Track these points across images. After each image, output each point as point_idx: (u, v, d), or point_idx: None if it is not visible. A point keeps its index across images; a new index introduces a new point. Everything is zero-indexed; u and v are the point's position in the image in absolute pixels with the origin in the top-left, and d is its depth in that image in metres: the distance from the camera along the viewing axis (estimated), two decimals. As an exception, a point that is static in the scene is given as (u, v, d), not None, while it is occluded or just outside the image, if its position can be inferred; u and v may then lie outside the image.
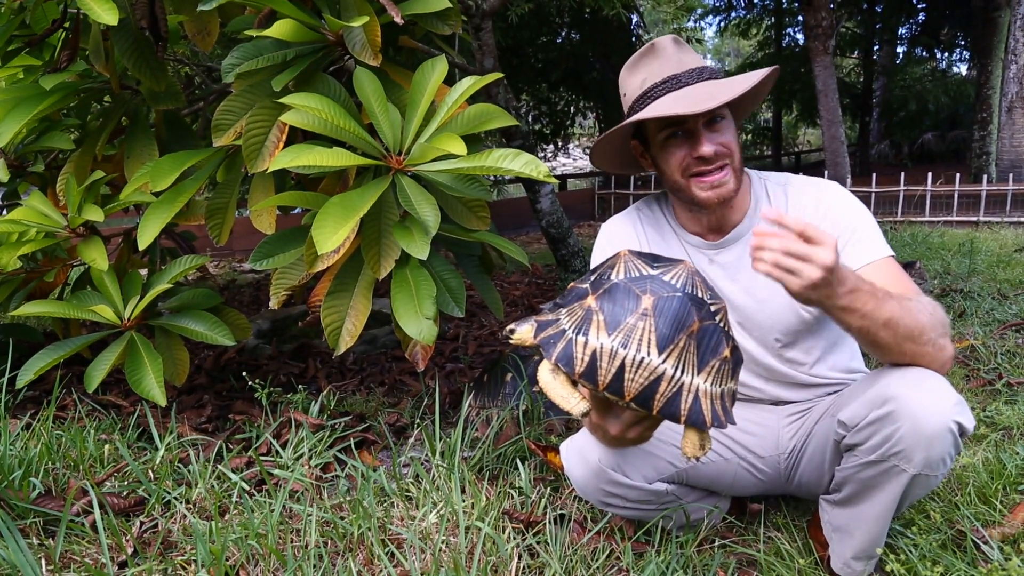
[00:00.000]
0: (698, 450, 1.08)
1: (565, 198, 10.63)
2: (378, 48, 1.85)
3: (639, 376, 1.01)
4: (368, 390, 2.68)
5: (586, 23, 10.51)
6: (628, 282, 1.05)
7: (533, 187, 3.54)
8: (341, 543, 1.53)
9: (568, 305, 1.10)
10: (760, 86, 1.39)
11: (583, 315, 1.06)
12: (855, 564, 1.35)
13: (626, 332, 1.01)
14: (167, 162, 2.01)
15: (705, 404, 1.03)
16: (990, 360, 2.66)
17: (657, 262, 1.08)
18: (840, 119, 9.49)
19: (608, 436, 1.21)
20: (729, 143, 1.34)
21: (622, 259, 1.10)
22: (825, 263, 1.04)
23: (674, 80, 1.35)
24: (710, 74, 1.36)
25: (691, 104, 1.27)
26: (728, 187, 1.35)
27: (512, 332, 1.16)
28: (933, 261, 4.85)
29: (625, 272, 1.07)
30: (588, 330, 1.04)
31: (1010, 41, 9.93)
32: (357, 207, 1.70)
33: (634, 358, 1.01)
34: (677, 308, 1.01)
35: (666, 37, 1.40)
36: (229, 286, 5.37)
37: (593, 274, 1.13)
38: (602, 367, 1.02)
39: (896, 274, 1.31)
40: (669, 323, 1.01)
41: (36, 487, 1.69)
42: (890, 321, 1.13)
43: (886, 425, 1.17)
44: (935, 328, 1.18)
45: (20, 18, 2.24)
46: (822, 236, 1.05)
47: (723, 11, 17.20)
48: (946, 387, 1.17)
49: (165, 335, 2.23)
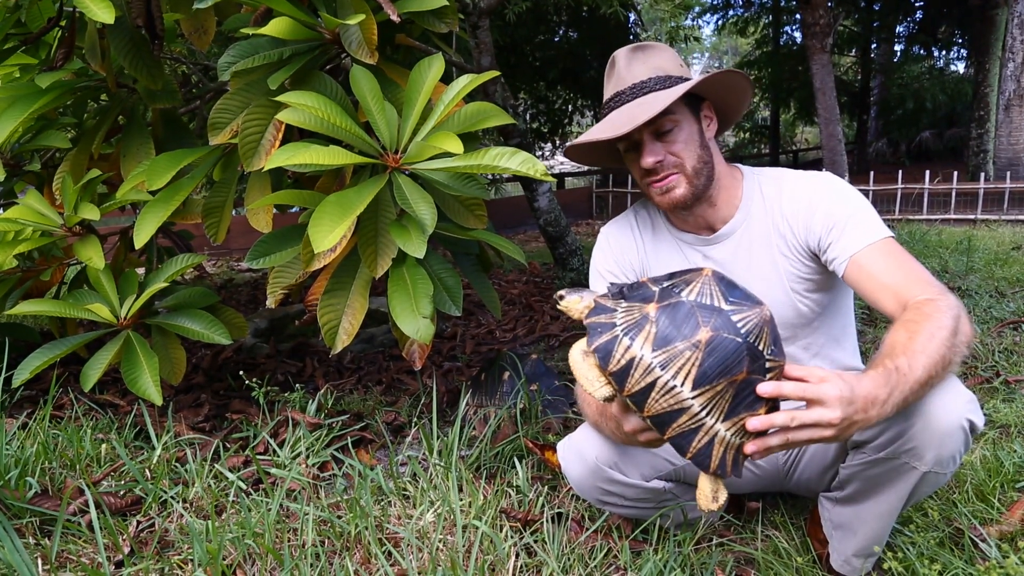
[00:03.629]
0: (711, 503, 1.05)
1: (563, 196, 10.63)
2: (374, 46, 1.85)
3: (664, 401, 0.99)
4: (365, 389, 2.68)
5: (584, 21, 10.51)
6: (695, 307, 1.01)
7: (531, 186, 3.54)
8: (338, 542, 1.52)
9: (630, 301, 1.07)
10: (733, 88, 1.39)
11: (638, 319, 1.03)
12: (855, 561, 1.35)
13: (670, 355, 0.99)
14: (163, 161, 2.01)
15: (716, 451, 1.01)
16: (987, 358, 2.66)
17: (734, 295, 1.04)
18: (838, 117, 9.51)
19: (620, 430, 1.19)
20: (678, 151, 1.35)
21: (701, 278, 1.06)
22: (832, 421, 0.96)
23: (617, 98, 1.38)
24: (654, 85, 1.34)
25: (617, 126, 1.31)
26: (677, 193, 1.36)
27: (562, 298, 1.14)
28: (931, 259, 4.86)
29: (698, 295, 1.03)
30: (636, 336, 1.01)
31: (1007, 39, 9.94)
32: (354, 205, 1.70)
33: (666, 383, 0.98)
34: (731, 353, 0.98)
35: (625, 48, 1.41)
36: (226, 285, 5.36)
37: (669, 280, 1.09)
38: (633, 376, 1.00)
39: (899, 255, 1.26)
40: (716, 364, 0.97)
41: (32, 486, 1.68)
42: (928, 380, 1.06)
43: (898, 422, 1.16)
44: (953, 337, 1.10)
45: (16, 16, 2.23)
46: (821, 394, 0.96)
47: (721, 9, 17.20)
48: (958, 385, 1.16)
49: (162, 334, 2.22)
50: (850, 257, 1.27)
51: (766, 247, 1.42)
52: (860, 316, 3.26)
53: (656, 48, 1.40)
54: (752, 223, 1.43)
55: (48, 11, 2.35)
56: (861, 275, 1.26)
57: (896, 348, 1.06)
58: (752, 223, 1.43)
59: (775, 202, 1.42)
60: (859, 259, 1.26)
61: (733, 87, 1.41)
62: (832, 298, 1.46)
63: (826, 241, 1.32)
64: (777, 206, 1.41)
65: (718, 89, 1.40)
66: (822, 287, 1.42)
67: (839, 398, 0.95)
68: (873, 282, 1.25)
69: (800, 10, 9.47)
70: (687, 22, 15.85)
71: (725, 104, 1.45)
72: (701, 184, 1.38)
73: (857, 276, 1.27)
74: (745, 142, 21.64)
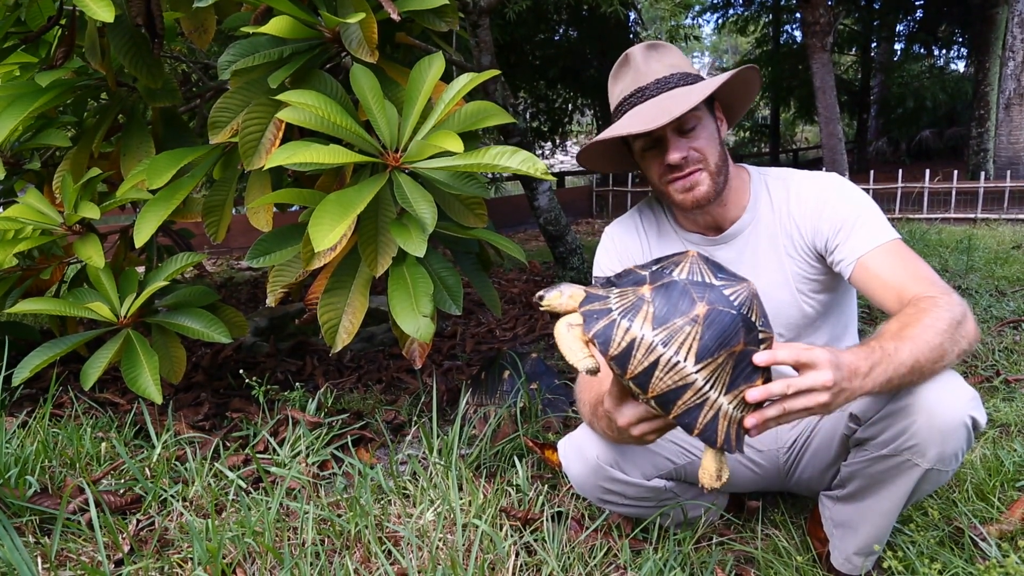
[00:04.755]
0: (715, 480, 1.07)
1: (563, 195, 10.63)
2: (375, 45, 1.85)
3: (668, 378, 1.00)
4: (366, 388, 2.68)
5: (584, 20, 10.51)
6: (688, 284, 1.03)
7: (531, 184, 3.54)
8: (338, 541, 1.52)
9: (622, 287, 1.09)
10: (743, 86, 1.39)
11: (634, 301, 1.04)
12: (856, 559, 1.35)
13: (671, 332, 1.00)
14: (164, 159, 2.01)
15: (722, 425, 1.02)
16: (988, 357, 2.66)
17: (722, 272, 1.07)
18: (838, 116, 9.49)
19: (612, 427, 1.19)
20: (702, 147, 1.34)
21: (688, 259, 1.09)
22: (825, 383, 0.98)
23: (639, 93, 1.36)
24: (678, 81, 1.35)
25: (646, 121, 1.29)
26: (701, 190, 1.36)
27: (541, 298, 1.14)
28: (931, 258, 4.86)
29: (688, 273, 1.05)
30: (634, 318, 1.02)
31: (1008, 38, 9.94)
32: (354, 204, 1.70)
33: (670, 359, 0.99)
34: (727, 324, 1.00)
35: (639, 46, 1.40)
36: (226, 284, 5.36)
37: (656, 264, 1.11)
38: (636, 357, 1.01)
39: (906, 256, 1.27)
40: (715, 337, 0.99)
41: (32, 485, 1.68)
42: (915, 365, 1.08)
43: (900, 419, 1.16)
44: (951, 331, 1.12)
45: (16, 15, 2.23)
46: (813, 357, 0.99)
47: (721, 8, 17.19)
48: (960, 382, 1.16)
49: (162, 333, 2.22)
50: (857, 259, 1.28)
51: (773, 248, 1.42)
52: (861, 316, 3.25)
53: (668, 47, 1.40)
54: (759, 224, 1.43)
55: (48, 9, 2.35)
56: (867, 277, 1.27)
57: (885, 334, 1.10)
58: (759, 224, 1.43)
59: (782, 203, 1.42)
60: (865, 261, 1.27)
61: (747, 84, 1.41)
62: (836, 298, 1.46)
63: (833, 243, 1.33)
64: (784, 207, 1.41)
65: (732, 87, 1.40)
66: (827, 288, 1.42)
67: (829, 361, 0.99)
68: (878, 283, 1.25)
69: (800, 9, 9.46)
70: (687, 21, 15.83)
71: (731, 102, 1.45)
72: (722, 182, 1.38)
73: (863, 278, 1.27)
74: (745, 141, 21.62)
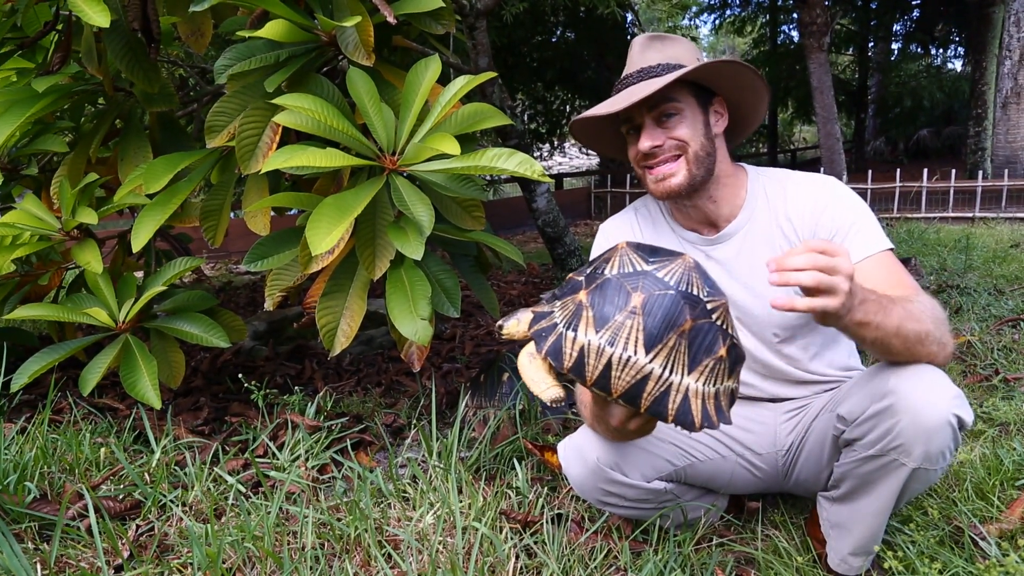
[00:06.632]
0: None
1: (561, 197, 10.63)
2: (371, 48, 1.85)
3: (625, 375, 1.00)
4: (365, 391, 2.68)
5: (581, 22, 10.50)
6: (620, 278, 1.03)
7: (529, 186, 3.54)
8: (338, 545, 1.52)
9: (563, 297, 1.09)
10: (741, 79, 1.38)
11: (574, 310, 1.05)
12: (852, 560, 1.35)
13: (614, 330, 1.00)
14: (161, 164, 2.00)
15: (695, 404, 1.02)
16: (987, 356, 2.66)
17: (655, 256, 1.06)
18: (836, 116, 9.47)
19: (610, 427, 1.21)
20: (682, 137, 1.35)
21: (618, 252, 1.09)
22: (848, 271, 1.02)
23: (623, 81, 1.41)
24: (661, 71, 1.36)
25: (612, 104, 1.34)
26: (674, 181, 1.37)
27: (501, 328, 1.15)
28: (929, 257, 4.86)
29: (619, 266, 1.05)
30: (577, 325, 1.03)
31: (1004, 37, 9.95)
32: (351, 207, 1.70)
33: (620, 356, 0.99)
34: (668, 306, 0.99)
35: (641, 36, 1.43)
36: (225, 288, 5.36)
37: (590, 266, 1.11)
38: (589, 364, 1.01)
39: (894, 268, 1.32)
40: (659, 322, 0.99)
41: (31, 491, 1.68)
42: (900, 329, 1.13)
43: (885, 419, 1.17)
44: (938, 328, 1.18)
45: (12, 20, 2.22)
46: (835, 247, 1.03)
47: (718, 9, 17.19)
48: (945, 381, 1.17)
49: (160, 337, 2.22)
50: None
51: (770, 248, 1.42)
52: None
53: (675, 39, 1.41)
54: (756, 223, 1.43)
55: (44, 15, 2.35)
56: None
57: (883, 295, 1.16)
58: (756, 223, 1.43)
59: (779, 203, 1.42)
60: (858, 269, 1.27)
61: (745, 85, 1.39)
62: None
63: None
64: (782, 207, 1.42)
65: (730, 85, 1.40)
66: None
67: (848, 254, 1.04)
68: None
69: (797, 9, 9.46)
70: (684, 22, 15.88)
71: (739, 102, 1.44)
72: (700, 175, 1.38)
73: None
74: (743, 141, 21.61)
